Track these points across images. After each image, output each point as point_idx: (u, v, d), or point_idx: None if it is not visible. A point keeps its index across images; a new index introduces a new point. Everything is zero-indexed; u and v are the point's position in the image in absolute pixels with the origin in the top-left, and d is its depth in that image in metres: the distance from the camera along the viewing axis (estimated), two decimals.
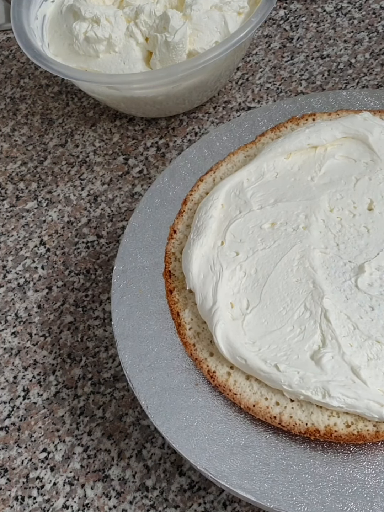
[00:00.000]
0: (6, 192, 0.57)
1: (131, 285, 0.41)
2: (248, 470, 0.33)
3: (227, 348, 0.35)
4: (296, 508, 0.31)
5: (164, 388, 0.36)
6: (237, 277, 0.38)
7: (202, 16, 0.51)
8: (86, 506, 0.39)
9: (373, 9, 0.63)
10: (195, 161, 0.46)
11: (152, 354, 0.38)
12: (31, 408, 0.44)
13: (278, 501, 0.31)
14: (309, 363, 0.34)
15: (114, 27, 0.51)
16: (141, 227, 0.43)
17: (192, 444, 0.34)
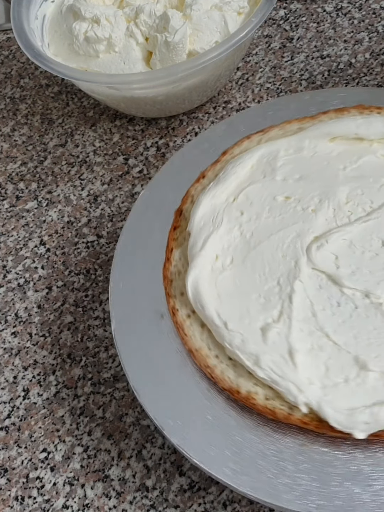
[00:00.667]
0: (6, 192, 0.57)
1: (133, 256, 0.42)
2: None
3: (193, 291, 0.37)
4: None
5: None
6: (233, 235, 0.40)
7: (202, 16, 0.51)
8: (86, 506, 0.39)
9: (373, 9, 0.63)
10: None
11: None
12: (31, 408, 0.44)
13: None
14: (256, 332, 0.35)
15: (114, 27, 0.51)
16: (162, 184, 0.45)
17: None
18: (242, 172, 0.42)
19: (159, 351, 0.38)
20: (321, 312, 0.35)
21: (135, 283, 0.41)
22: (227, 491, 0.38)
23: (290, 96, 0.50)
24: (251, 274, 0.38)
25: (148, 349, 0.38)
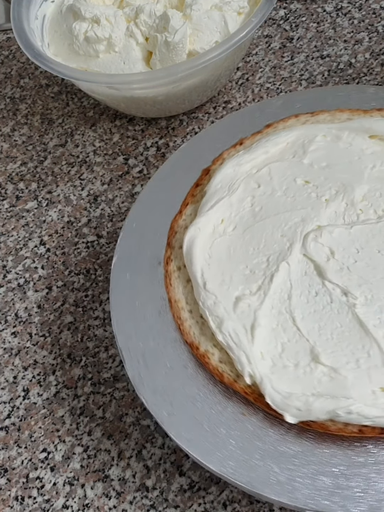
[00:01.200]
0: (6, 192, 0.57)
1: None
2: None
3: (187, 245, 0.39)
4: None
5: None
6: (243, 204, 0.41)
7: (202, 16, 0.51)
8: (86, 506, 0.39)
9: (373, 9, 0.63)
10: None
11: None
12: (31, 408, 0.44)
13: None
14: (230, 299, 0.37)
15: (114, 27, 0.51)
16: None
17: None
18: (275, 147, 0.43)
19: (147, 293, 0.39)
20: (296, 297, 0.36)
21: (144, 230, 0.42)
22: (227, 491, 0.38)
23: (354, 86, 0.49)
24: (246, 246, 0.39)
25: (139, 289, 0.40)
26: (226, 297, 0.37)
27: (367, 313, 0.34)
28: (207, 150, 0.45)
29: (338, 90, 0.47)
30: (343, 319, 0.35)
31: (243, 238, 0.39)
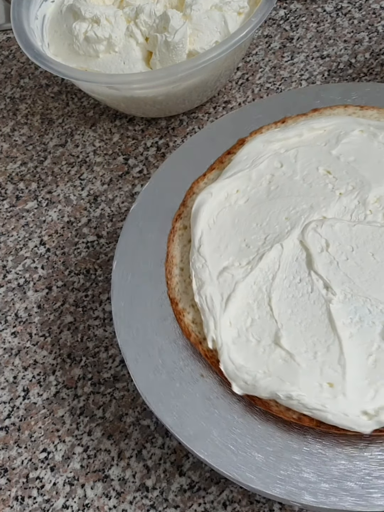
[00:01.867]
0: (6, 192, 0.57)
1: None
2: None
3: (195, 207, 0.40)
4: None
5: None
6: (261, 181, 0.41)
7: (202, 16, 0.51)
8: (86, 506, 0.39)
9: (373, 9, 0.63)
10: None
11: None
12: (31, 408, 0.44)
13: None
14: (217, 266, 0.38)
15: (114, 27, 0.51)
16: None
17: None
18: (310, 132, 0.43)
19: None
20: (280, 279, 0.37)
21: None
22: (227, 491, 0.38)
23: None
24: (250, 220, 0.40)
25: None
26: (215, 264, 0.38)
27: (341, 311, 0.35)
28: (253, 122, 0.46)
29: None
30: (316, 311, 0.35)
31: (250, 212, 0.40)
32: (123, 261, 0.41)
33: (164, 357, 0.37)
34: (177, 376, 0.36)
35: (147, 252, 0.42)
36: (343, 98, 0.46)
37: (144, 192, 0.45)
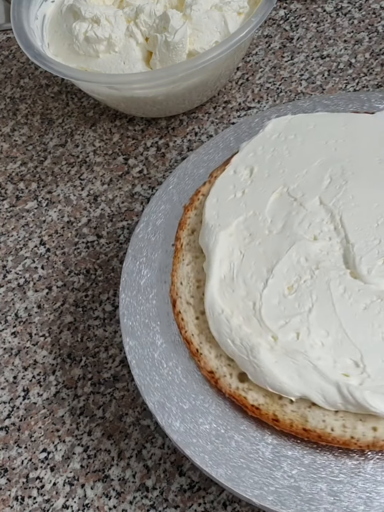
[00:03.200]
0: (6, 192, 0.57)
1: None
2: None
3: (214, 193, 0.41)
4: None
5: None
6: (272, 165, 0.41)
7: (202, 16, 0.51)
8: (86, 506, 0.39)
9: (373, 9, 0.63)
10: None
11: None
12: (31, 408, 0.44)
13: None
14: (220, 232, 0.38)
15: (114, 27, 0.51)
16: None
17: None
18: (338, 131, 0.42)
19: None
20: (261, 260, 0.37)
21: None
22: (227, 491, 0.38)
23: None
24: (258, 203, 0.40)
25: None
26: (214, 230, 0.39)
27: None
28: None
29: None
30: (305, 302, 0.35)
31: (258, 194, 0.40)
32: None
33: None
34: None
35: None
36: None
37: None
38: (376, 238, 0.36)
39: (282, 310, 0.34)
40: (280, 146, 0.42)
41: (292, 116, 0.44)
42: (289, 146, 0.42)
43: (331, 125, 0.43)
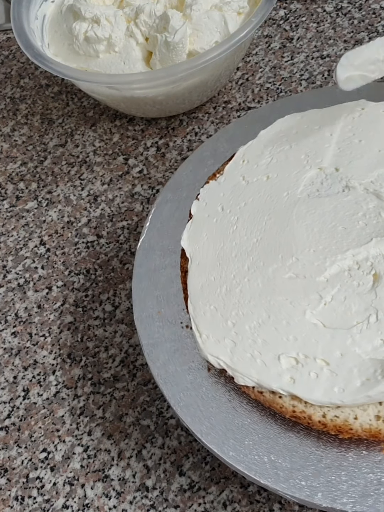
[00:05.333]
0: (6, 192, 0.57)
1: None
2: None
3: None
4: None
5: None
6: (270, 159, 0.42)
7: (202, 16, 0.51)
8: (86, 506, 0.39)
9: (373, 9, 0.63)
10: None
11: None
12: (31, 408, 0.44)
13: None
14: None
15: (114, 27, 0.51)
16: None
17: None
18: (337, 128, 0.43)
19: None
20: (237, 246, 0.39)
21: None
22: (227, 491, 0.38)
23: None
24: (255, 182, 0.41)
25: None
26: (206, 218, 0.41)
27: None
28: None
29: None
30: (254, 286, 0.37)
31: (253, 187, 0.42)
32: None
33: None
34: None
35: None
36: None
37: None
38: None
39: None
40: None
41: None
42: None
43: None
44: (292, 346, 0.34)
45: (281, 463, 0.32)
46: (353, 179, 0.40)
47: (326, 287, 0.35)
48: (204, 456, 0.39)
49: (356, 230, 0.37)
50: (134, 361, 0.45)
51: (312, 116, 0.45)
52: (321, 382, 0.32)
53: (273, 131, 0.44)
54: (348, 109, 0.44)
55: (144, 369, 0.44)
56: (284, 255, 0.37)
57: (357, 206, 0.38)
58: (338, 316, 0.34)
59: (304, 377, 0.33)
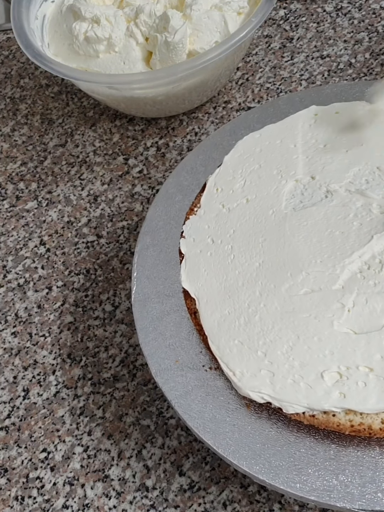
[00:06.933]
0: (6, 192, 0.57)
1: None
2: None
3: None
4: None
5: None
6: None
7: (202, 16, 0.51)
8: (86, 506, 0.39)
9: (373, 9, 0.63)
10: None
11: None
12: (31, 408, 0.44)
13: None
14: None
15: (114, 27, 0.51)
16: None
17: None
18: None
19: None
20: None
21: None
22: (227, 491, 0.38)
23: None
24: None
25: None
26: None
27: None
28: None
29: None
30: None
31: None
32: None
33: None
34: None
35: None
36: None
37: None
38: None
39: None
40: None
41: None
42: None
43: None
44: (331, 360, 0.33)
45: (351, 481, 0.31)
46: (332, 184, 0.40)
47: (344, 294, 0.35)
48: (204, 456, 0.39)
49: (353, 231, 0.37)
50: (134, 361, 0.45)
51: (270, 132, 0.44)
52: (371, 389, 0.32)
53: (236, 154, 0.44)
54: (301, 118, 0.45)
55: (144, 369, 0.44)
56: (293, 272, 0.36)
57: (345, 208, 0.38)
58: (365, 319, 0.34)
59: (353, 389, 0.32)
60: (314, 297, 0.35)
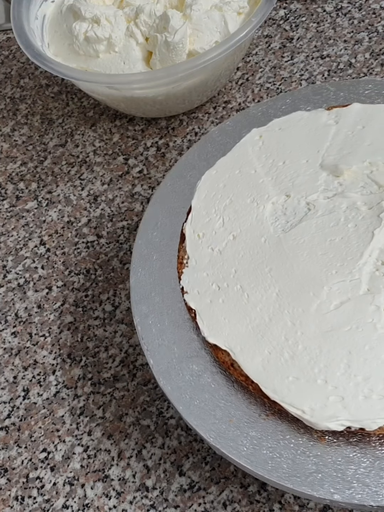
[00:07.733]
0: (6, 192, 0.57)
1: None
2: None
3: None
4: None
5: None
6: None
7: (202, 16, 0.51)
8: (86, 506, 0.39)
9: (373, 9, 0.63)
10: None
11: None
12: (31, 408, 0.44)
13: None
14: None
15: (114, 27, 0.51)
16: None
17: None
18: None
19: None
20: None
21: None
22: (227, 491, 0.38)
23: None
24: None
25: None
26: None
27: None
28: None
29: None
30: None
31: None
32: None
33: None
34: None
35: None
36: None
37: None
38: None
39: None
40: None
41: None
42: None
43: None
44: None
45: None
46: (309, 196, 0.40)
47: (374, 296, 0.34)
48: (204, 456, 0.39)
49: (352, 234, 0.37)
50: (134, 361, 0.45)
51: (224, 165, 0.44)
52: None
53: (202, 196, 0.43)
54: (248, 143, 0.44)
55: (144, 369, 0.44)
56: (315, 291, 0.35)
57: (334, 215, 0.38)
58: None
59: None
60: (347, 308, 0.34)
